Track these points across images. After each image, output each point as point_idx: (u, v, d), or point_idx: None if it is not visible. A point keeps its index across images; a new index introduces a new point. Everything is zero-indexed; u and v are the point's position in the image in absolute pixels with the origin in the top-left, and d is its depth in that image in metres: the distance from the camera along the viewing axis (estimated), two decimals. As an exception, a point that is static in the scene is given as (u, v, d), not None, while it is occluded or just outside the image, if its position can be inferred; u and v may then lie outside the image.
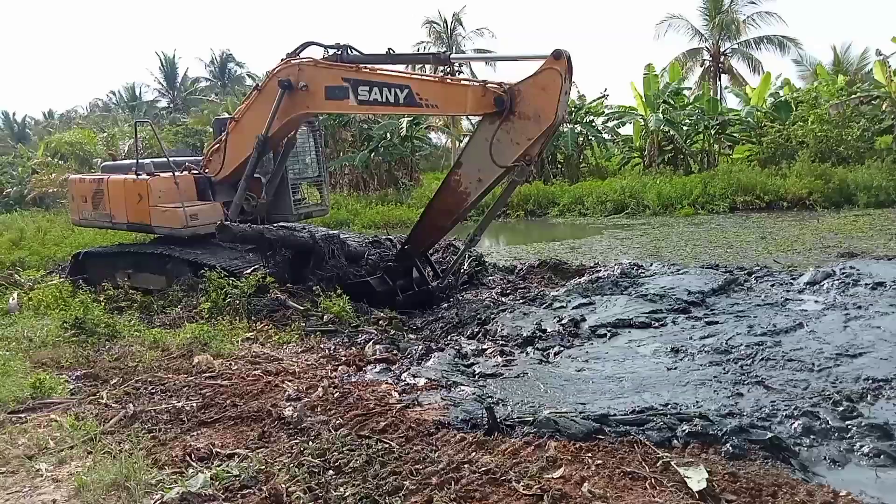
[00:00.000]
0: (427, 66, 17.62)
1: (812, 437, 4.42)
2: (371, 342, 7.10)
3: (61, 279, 10.71)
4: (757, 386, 5.32)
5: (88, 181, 11.16)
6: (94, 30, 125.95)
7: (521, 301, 9.22)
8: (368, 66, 8.77)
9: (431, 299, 9.57)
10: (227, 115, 11.38)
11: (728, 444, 4.19)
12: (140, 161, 10.59)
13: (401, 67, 9.17)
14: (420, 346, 6.89)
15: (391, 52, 8.86)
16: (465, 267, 10.60)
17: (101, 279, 10.14)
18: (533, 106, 7.68)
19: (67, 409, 5.19)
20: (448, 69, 20.18)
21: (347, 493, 3.70)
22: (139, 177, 10.13)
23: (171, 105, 53.91)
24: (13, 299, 9.49)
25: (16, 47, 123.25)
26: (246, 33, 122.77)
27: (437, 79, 8.59)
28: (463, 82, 8.48)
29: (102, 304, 8.62)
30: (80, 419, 4.92)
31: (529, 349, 6.89)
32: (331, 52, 9.05)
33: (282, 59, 9.31)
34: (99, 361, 6.47)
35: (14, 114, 62.93)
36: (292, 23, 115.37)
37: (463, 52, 37.85)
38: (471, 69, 33.08)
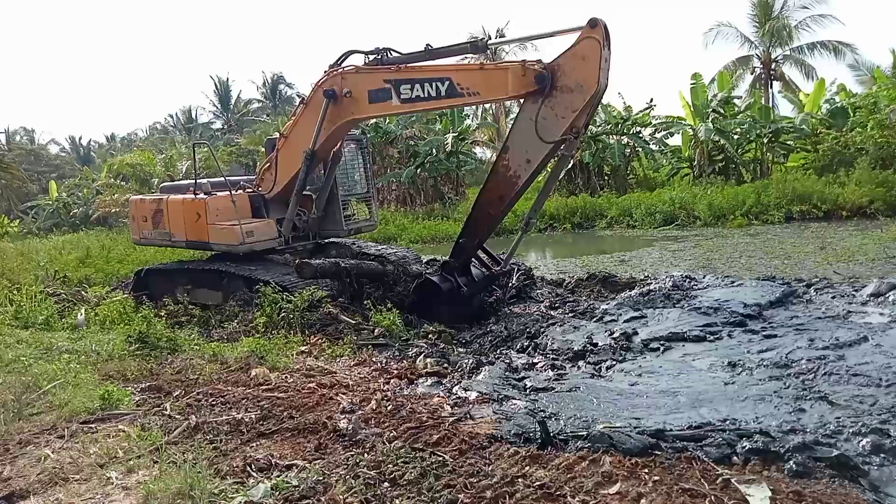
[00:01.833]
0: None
1: (882, 455, 4.22)
2: (422, 355, 7.17)
3: (125, 295, 11.17)
4: (820, 401, 5.14)
5: (149, 201, 11.61)
6: (153, 57, 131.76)
7: (570, 314, 9.15)
8: (408, 64, 8.89)
9: (489, 304, 9.58)
10: (277, 135, 11.70)
11: (791, 462, 4.07)
12: (197, 181, 10.99)
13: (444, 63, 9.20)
14: (470, 360, 6.92)
15: (429, 47, 8.90)
16: (513, 281, 10.57)
17: (161, 295, 10.54)
18: (574, 77, 7.62)
19: (134, 419, 5.42)
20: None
21: (403, 505, 3.74)
22: (197, 196, 10.51)
23: (225, 126, 55.74)
24: (81, 315, 9.94)
25: (81, 76, 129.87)
26: (296, 55, 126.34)
27: (476, 66, 8.62)
28: (502, 65, 8.44)
29: (164, 318, 8.96)
30: (146, 430, 5.13)
31: (581, 363, 6.83)
32: (371, 57, 9.24)
33: (325, 71, 9.55)
34: (162, 374, 6.72)
35: (80, 138, 66.27)
36: (339, 42, 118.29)
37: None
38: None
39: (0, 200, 34.74)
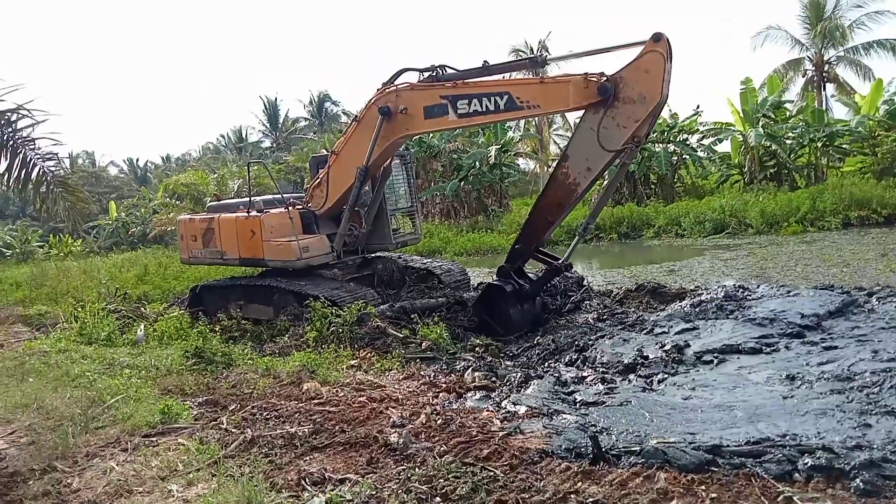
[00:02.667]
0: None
1: (957, 474, 4.02)
2: (470, 369, 7.17)
3: (181, 311, 11.54)
4: (888, 416, 4.91)
5: (198, 220, 11.84)
6: (205, 79, 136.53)
7: (619, 326, 9.00)
8: (465, 80, 9.09)
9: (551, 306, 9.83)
10: (324, 152, 11.95)
11: (858, 480, 3.91)
12: (251, 199, 11.28)
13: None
14: (518, 374, 6.89)
15: (486, 63, 9.17)
16: (576, 296, 10.55)
17: (216, 310, 10.84)
18: (637, 89, 7.87)
19: (192, 433, 5.59)
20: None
21: (456, 520, 3.75)
22: (250, 214, 10.79)
23: (274, 145, 57.24)
24: (140, 331, 10.32)
25: (137, 99, 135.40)
26: (341, 73, 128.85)
27: (535, 80, 8.86)
28: (562, 78, 8.62)
29: (218, 334, 9.22)
30: (204, 443, 5.29)
31: (631, 376, 6.71)
32: (425, 74, 9.43)
33: (378, 89, 9.75)
34: (218, 388, 6.92)
35: (137, 159, 68.72)
36: (384, 60, 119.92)
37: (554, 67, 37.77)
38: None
39: (67, 221, 36.45)
